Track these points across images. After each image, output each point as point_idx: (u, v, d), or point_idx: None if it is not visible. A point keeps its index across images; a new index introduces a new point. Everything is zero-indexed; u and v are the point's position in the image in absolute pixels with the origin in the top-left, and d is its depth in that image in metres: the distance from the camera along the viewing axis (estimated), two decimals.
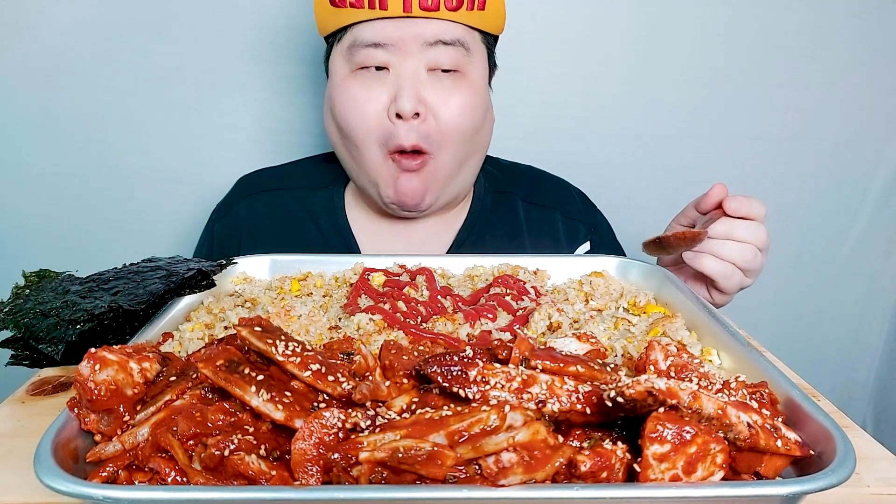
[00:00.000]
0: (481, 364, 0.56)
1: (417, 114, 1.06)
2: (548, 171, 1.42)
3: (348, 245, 1.24)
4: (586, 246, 1.31)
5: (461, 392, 0.54)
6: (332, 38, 1.14)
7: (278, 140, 1.58)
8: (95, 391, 0.55)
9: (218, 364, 0.56)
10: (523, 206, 1.33)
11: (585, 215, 1.36)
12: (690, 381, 0.58)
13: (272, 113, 1.56)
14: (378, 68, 1.08)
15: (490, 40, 1.17)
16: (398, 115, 1.06)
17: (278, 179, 1.33)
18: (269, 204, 1.29)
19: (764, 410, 0.56)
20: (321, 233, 1.25)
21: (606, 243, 1.34)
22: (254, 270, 0.99)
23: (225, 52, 1.49)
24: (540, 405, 0.53)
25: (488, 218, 1.29)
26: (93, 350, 0.57)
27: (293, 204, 1.28)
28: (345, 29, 1.09)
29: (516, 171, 1.38)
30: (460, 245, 1.26)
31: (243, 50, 1.50)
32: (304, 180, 1.32)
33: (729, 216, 1.00)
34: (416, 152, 1.09)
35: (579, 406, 0.54)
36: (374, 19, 1.05)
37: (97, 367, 0.56)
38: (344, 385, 0.57)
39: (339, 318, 0.83)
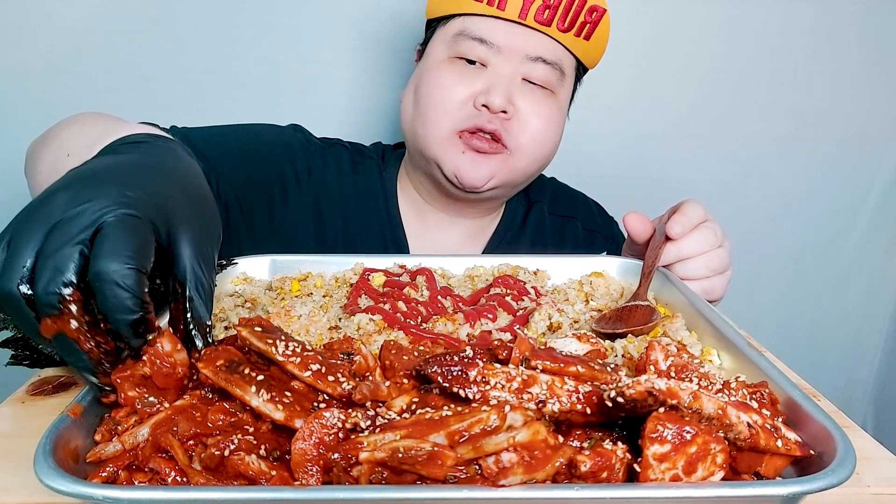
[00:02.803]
0: (481, 364, 0.56)
1: (505, 112, 1.08)
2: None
3: (395, 231, 1.26)
4: (602, 256, 1.33)
5: (461, 392, 0.54)
6: (436, 23, 1.16)
7: None
8: (171, 368, 0.56)
9: (218, 364, 0.56)
10: (549, 215, 1.36)
11: (604, 227, 1.38)
12: (690, 381, 0.58)
13: (273, 114, 1.56)
14: (472, 62, 1.10)
15: (581, 71, 1.21)
16: (485, 106, 1.08)
17: (359, 152, 1.35)
18: (350, 164, 1.29)
19: (764, 410, 0.56)
20: (375, 208, 1.27)
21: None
22: (254, 270, 0.99)
23: (225, 51, 1.49)
24: (540, 405, 0.53)
25: (519, 228, 1.33)
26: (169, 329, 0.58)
27: (363, 175, 1.29)
28: (453, 16, 1.12)
29: (541, 181, 1.41)
30: (492, 251, 1.29)
31: (244, 50, 1.50)
32: (376, 156, 1.34)
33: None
34: (494, 140, 1.10)
35: (579, 406, 0.54)
36: (488, 16, 1.08)
37: (178, 346, 0.57)
38: (344, 385, 0.57)
39: (339, 318, 0.83)
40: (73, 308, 0.52)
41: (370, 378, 0.59)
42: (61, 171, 0.65)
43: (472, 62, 1.10)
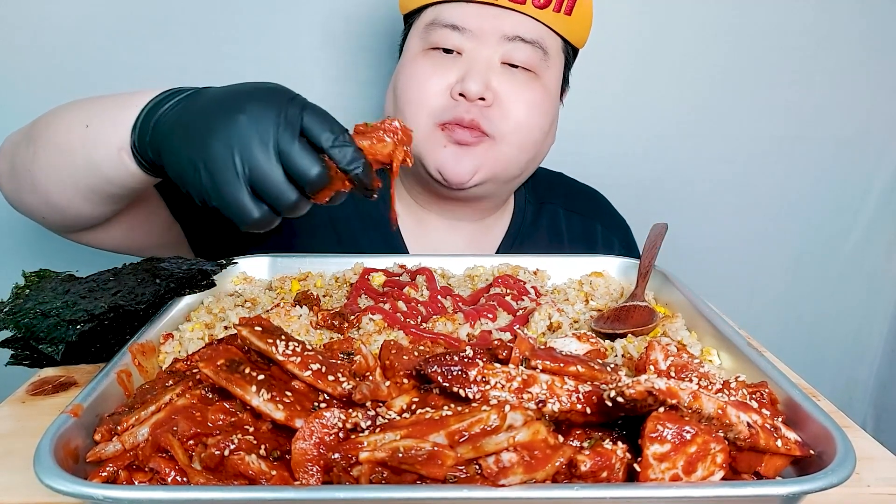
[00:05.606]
0: (481, 364, 0.56)
1: (483, 98, 1.03)
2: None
3: (395, 237, 1.20)
4: (602, 255, 1.30)
5: (461, 392, 0.54)
6: (412, 19, 1.12)
7: None
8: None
9: (219, 364, 0.56)
10: (564, 215, 1.29)
11: (619, 229, 1.34)
12: (690, 381, 0.58)
13: None
14: (449, 51, 1.06)
15: (570, 52, 1.14)
16: (461, 95, 1.03)
17: None
18: None
19: (764, 410, 0.56)
20: (374, 212, 1.21)
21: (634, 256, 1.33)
22: (254, 270, 0.99)
23: (226, 51, 1.49)
24: (540, 405, 0.53)
25: (529, 229, 1.26)
26: None
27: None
28: (425, 8, 1.08)
29: (549, 178, 1.35)
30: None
31: (244, 49, 1.50)
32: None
33: None
34: (475, 130, 1.04)
35: (579, 406, 0.54)
36: (458, 1, 1.04)
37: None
38: (344, 385, 0.57)
39: None
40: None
41: (370, 378, 0.59)
42: (80, 141, 0.81)
43: (448, 52, 1.06)
